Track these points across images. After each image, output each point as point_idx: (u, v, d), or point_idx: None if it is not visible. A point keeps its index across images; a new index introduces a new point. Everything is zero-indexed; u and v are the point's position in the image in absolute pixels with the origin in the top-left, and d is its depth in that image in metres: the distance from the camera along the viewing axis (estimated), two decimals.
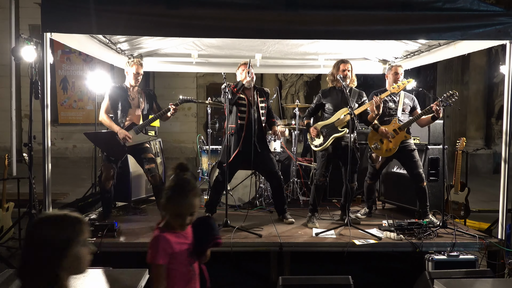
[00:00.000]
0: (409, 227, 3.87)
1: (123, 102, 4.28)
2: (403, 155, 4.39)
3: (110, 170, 4.28)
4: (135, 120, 4.32)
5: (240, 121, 4.29)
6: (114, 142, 4.19)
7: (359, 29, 3.66)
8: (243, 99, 4.30)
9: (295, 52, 5.78)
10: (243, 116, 4.28)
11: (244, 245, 3.69)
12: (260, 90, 4.46)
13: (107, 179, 4.29)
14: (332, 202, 5.37)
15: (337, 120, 4.21)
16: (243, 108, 4.29)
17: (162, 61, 6.08)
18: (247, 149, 4.22)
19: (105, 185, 4.33)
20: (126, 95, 4.30)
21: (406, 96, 4.51)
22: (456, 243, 3.69)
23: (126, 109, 4.29)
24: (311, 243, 3.76)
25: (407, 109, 4.48)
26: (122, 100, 4.28)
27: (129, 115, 4.30)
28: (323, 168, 4.27)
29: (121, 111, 4.27)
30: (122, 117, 4.28)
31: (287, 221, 4.30)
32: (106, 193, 4.39)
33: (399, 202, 5.02)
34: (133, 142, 4.23)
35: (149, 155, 4.31)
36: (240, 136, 4.26)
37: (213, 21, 3.58)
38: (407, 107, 4.48)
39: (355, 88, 4.38)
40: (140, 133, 4.27)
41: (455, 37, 3.76)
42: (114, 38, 4.78)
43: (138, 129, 4.26)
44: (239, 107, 4.30)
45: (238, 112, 4.30)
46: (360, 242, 3.69)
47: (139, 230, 4.02)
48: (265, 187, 5.34)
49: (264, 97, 4.46)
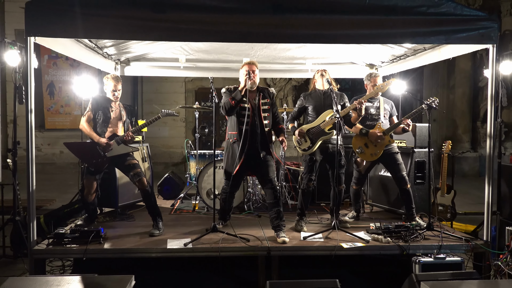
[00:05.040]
0: (396, 230, 3.88)
1: (105, 112, 4.22)
2: (387, 159, 4.42)
3: (93, 184, 4.24)
4: (116, 132, 4.26)
5: (242, 127, 3.93)
6: (94, 153, 4.14)
7: (345, 33, 3.68)
8: (245, 102, 3.95)
9: (283, 56, 5.80)
10: (245, 120, 3.89)
11: (232, 250, 3.66)
12: (263, 91, 4.10)
13: (90, 193, 4.26)
14: (321, 206, 5.38)
15: (323, 122, 4.21)
16: (245, 112, 3.93)
17: (150, 65, 6.05)
18: (250, 157, 3.96)
19: (87, 199, 4.29)
20: (108, 106, 4.25)
21: (385, 102, 4.55)
22: (442, 245, 3.71)
23: (108, 120, 4.23)
24: (299, 247, 3.75)
25: (387, 114, 4.53)
26: (104, 111, 4.22)
27: (111, 126, 4.24)
28: (310, 173, 4.26)
29: (102, 121, 4.22)
30: (103, 127, 4.21)
31: (279, 239, 3.81)
32: (90, 205, 4.36)
33: (387, 205, 5.04)
34: (114, 153, 4.18)
35: (133, 161, 4.25)
36: (243, 144, 3.92)
37: (200, 25, 3.57)
38: (387, 112, 4.52)
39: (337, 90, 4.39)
40: (121, 144, 4.20)
41: (439, 41, 3.81)
42: (100, 42, 4.74)
43: (120, 140, 4.19)
44: (240, 111, 3.96)
45: (240, 117, 3.97)
46: (348, 245, 3.68)
47: (126, 236, 3.97)
48: (253, 191, 5.33)
49: (268, 98, 4.09)
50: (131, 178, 4.23)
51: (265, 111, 4.06)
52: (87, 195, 4.27)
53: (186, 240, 3.77)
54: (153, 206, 4.20)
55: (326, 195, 4.79)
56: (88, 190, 4.25)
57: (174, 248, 3.64)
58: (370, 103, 4.48)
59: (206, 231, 3.95)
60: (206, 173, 5.13)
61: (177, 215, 5.07)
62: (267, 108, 4.08)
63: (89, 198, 4.28)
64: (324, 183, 4.95)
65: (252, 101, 4.01)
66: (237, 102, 3.90)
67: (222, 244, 3.67)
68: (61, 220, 4.72)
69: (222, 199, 4.29)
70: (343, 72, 6.25)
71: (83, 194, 4.31)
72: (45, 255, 3.66)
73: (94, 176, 4.23)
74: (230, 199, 4.28)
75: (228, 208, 4.35)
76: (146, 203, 4.24)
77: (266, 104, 4.08)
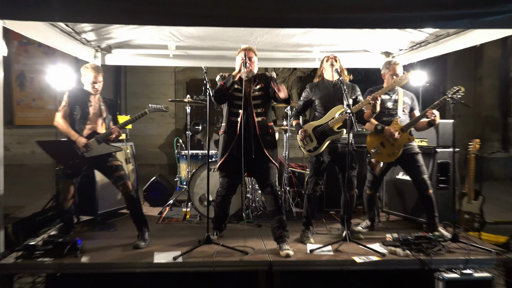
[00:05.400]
0: (417, 241, 3.87)
1: (83, 107, 4.20)
2: (406, 160, 4.41)
3: (69, 188, 4.23)
4: (96, 129, 4.25)
5: (232, 118, 4.02)
6: (71, 153, 4.12)
7: (357, 17, 3.68)
8: (239, 90, 4.02)
9: (286, 43, 5.80)
10: (237, 111, 3.99)
11: (228, 265, 3.65)
12: (260, 78, 4.11)
13: (66, 199, 4.25)
14: (330, 214, 5.37)
15: (332, 120, 4.20)
16: (238, 102, 4.01)
17: (135, 53, 6.06)
18: (245, 155, 3.89)
19: (63, 205, 4.29)
20: (87, 100, 4.24)
21: (405, 95, 4.54)
22: (469, 259, 3.70)
23: (86, 116, 4.21)
24: (304, 261, 3.75)
25: (407, 108, 4.52)
26: (82, 106, 4.21)
27: (90, 123, 4.22)
28: (316, 176, 4.26)
29: (80, 117, 4.20)
30: (81, 123, 4.20)
31: (282, 252, 3.80)
32: (66, 213, 4.35)
33: (405, 213, 5.04)
34: (94, 153, 4.16)
35: (116, 162, 4.25)
36: (231, 136, 3.99)
37: (194, 8, 3.57)
38: (406, 106, 4.51)
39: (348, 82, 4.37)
40: (102, 143, 4.19)
41: (465, 25, 3.81)
42: (78, 26, 4.75)
43: (101, 138, 4.18)
44: (233, 100, 4.03)
45: (231, 107, 4.04)
46: (361, 260, 3.68)
47: (106, 249, 3.96)
48: (252, 197, 5.33)
49: (262, 83, 4.08)
50: (114, 181, 4.22)
51: (256, 98, 4.05)
52: (63, 201, 4.27)
53: (175, 253, 3.76)
54: (138, 214, 4.20)
55: (336, 201, 4.78)
56: (64, 196, 4.25)
57: (162, 262, 3.63)
58: (387, 95, 4.47)
59: (198, 243, 3.96)
60: (198, 177, 5.13)
61: (166, 224, 5.07)
62: (259, 95, 4.07)
63: (65, 204, 4.27)
64: (334, 188, 4.95)
65: (248, 89, 4.04)
66: (228, 87, 3.93)
67: (217, 258, 3.66)
68: (32, 230, 4.71)
69: (217, 204, 4.29)
70: (355, 61, 6.26)
71: (58, 200, 4.31)
72: (13, 270, 3.64)
73: (71, 179, 4.22)
74: (225, 203, 4.28)
75: (224, 216, 4.35)
76: (131, 210, 4.24)
77: (259, 90, 4.08)
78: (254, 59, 4.07)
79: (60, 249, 3.62)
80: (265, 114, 4.09)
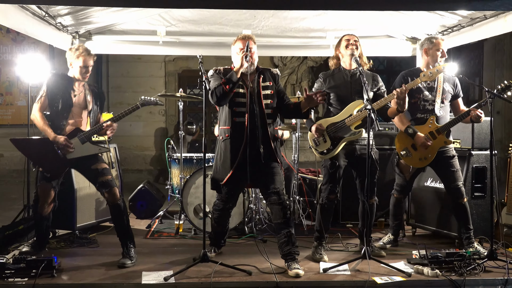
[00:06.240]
0: (448, 259, 3.89)
1: (65, 97, 4.18)
2: (440, 163, 4.42)
3: (49, 193, 4.25)
4: (80, 125, 4.26)
5: (237, 119, 4.00)
6: (50, 153, 4.14)
7: None
8: (241, 86, 4.01)
9: (295, 28, 5.82)
10: (242, 111, 3.98)
11: (228, 286, 3.67)
12: (264, 72, 4.14)
13: (46, 203, 4.27)
14: (346, 227, 5.39)
15: (349, 117, 4.21)
16: (242, 99, 4.01)
17: (118, 40, 6.10)
18: (250, 160, 3.90)
19: (42, 211, 4.30)
20: (70, 88, 4.22)
21: (446, 80, 4.47)
22: (509, 279, 3.71)
23: (68, 108, 4.20)
24: (317, 281, 3.75)
25: (448, 97, 4.47)
26: (64, 95, 4.18)
27: (73, 116, 4.23)
28: (331, 183, 4.26)
29: (61, 109, 4.19)
30: (62, 118, 4.20)
31: (291, 272, 3.81)
32: (44, 220, 4.36)
33: (434, 226, 5.03)
34: (76, 154, 4.17)
35: (102, 165, 4.26)
36: (238, 141, 3.95)
37: None
38: (447, 95, 4.46)
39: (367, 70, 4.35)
40: (86, 143, 4.19)
41: (504, 6, 3.82)
42: (53, 9, 4.78)
43: (84, 137, 4.19)
44: (234, 98, 4.01)
45: (233, 106, 4.03)
46: (383, 280, 3.69)
47: (86, 268, 3.98)
48: (256, 208, 5.35)
49: (270, 81, 4.14)
50: (99, 187, 4.23)
51: (267, 97, 4.07)
52: (42, 205, 4.27)
53: (167, 273, 3.78)
54: (124, 227, 4.22)
55: (353, 212, 4.80)
56: (43, 199, 4.26)
57: (151, 283, 3.64)
58: (424, 82, 4.31)
59: (193, 261, 3.96)
60: (193, 184, 5.15)
61: (155, 239, 5.09)
62: (269, 94, 4.09)
63: (44, 210, 4.28)
64: (350, 197, 4.97)
65: (251, 85, 4.03)
66: (232, 86, 3.90)
67: (215, 279, 3.68)
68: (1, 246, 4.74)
69: (214, 219, 4.31)
70: (376, 49, 6.25)
71: (37, 205, 4.31)
72: None
73: (51, 182, 4.24)
74: (224, 218, 4.29)
75: (223, 231, 4.36)
76: (116, 222, 4.26)
77: (268, 88, 4.10)
78: (254, 49, 4.07)
79: (34, 268, 3.64)
80: (273, 116, 4.12)
